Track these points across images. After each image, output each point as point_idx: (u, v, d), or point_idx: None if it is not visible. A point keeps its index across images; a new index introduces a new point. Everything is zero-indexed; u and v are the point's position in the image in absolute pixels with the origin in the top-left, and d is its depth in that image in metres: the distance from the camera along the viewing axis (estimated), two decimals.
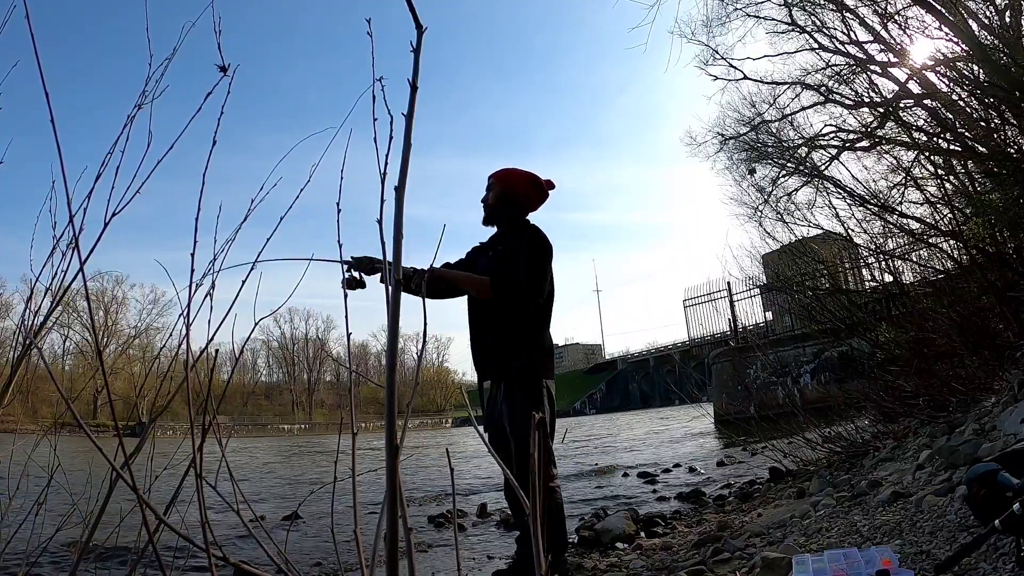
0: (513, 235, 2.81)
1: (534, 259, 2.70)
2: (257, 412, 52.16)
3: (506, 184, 2.85)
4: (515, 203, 2.84)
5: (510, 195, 2.83)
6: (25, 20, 0.96)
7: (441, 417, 58.34)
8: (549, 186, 2.91)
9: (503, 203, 2.84)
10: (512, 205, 2.84)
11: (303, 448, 19.87)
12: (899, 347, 5.95)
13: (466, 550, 3.74)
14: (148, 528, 0.91)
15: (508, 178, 2.86)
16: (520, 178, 2.86)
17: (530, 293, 2.66)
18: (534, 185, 2.87)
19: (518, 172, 2.89)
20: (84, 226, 1.11)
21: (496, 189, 2.86)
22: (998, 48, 5.33)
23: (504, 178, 2.86)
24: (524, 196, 2.85)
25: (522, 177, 2.86)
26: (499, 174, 2.88)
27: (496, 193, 2.85)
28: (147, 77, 1.22)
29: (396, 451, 0.68)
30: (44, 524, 1.56)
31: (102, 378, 1.39)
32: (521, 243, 2.75)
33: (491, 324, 2.73)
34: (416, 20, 0.75)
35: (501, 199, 2.84)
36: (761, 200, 8.49)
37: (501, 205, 2.84)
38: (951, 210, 5.45)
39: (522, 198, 2.85)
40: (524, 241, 2.76)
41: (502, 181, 2.86)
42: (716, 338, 19.40)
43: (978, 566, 1.66)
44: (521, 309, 2.68)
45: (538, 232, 2.80)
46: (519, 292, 2.65)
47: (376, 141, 0.82)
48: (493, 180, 2.88)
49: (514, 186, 2.84)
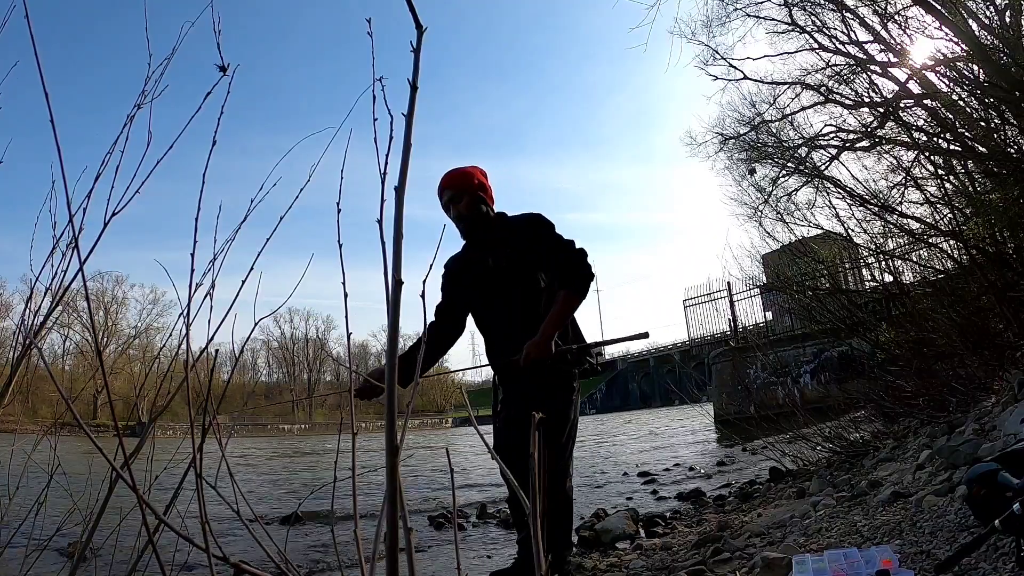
0: (513, 230, 2.67)
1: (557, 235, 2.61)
2: (257, 412, 52.15)
3: (474, 188, 2.67)
4: (487, 200, 2.69)
5: (482, 195, 2.68)
6: (25, 20, 0.96)
7: (441, 417, 58.33)
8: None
9: (478, 204, 2.67)
10: (486, 202, 2.69)
11: (304, 448, 19.88)
12: (899, 347, 5.96)
13: (466, 550, 3.74)
14: (148, 528, 0.91)
15: (470, 182, 2.67)
16: (476, 175, 2.69)
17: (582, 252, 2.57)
18: (485, 175, 2.73)
19: (469, 170, 2.71)
20: (84, 226, 1.11)
21: (465, 197, 2.65)
22: (998, 48, 5.33)
23: (467, 185, 2.66)
24: (489, 188, 2.72)
25: (476, 173, 2.70)
26: (454, 183, 2.67)
27: (468, 200, 2.65)
28: (147, 77, 1.23)
29: (396, 451, 0.68)
30: (44, 524, 1.56)
31: (102, 378, 1.40)
32: (536, 228, 2.63)
33: (524, 319, 2.58)
34: (416, 20, 0.75)
35: (475, 202, 2.66)
36: (761, 200, 8.51)
37: (477, 208, 2.66)
38: (951, 210, 5.46)
39: (489, 191, 2.72)
40: (536, 225, 2.64)
41: (468, 187, 2.66)
42: (716, 338, 19.38)
43: (978, 566, 1.66)
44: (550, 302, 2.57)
45: (532, 213, 2.69)
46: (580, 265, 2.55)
47: (376, 141, 0.82)
48: (451, 191, 2.66)
49: (481, 185, 2.69)
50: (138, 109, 1.22)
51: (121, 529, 1.44)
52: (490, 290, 2.68)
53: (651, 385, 56.58)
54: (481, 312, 2.78)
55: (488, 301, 2.72)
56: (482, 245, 2.72)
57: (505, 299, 2.65)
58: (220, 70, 1.10)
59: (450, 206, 2.68)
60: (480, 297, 2.75)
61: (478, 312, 2.79)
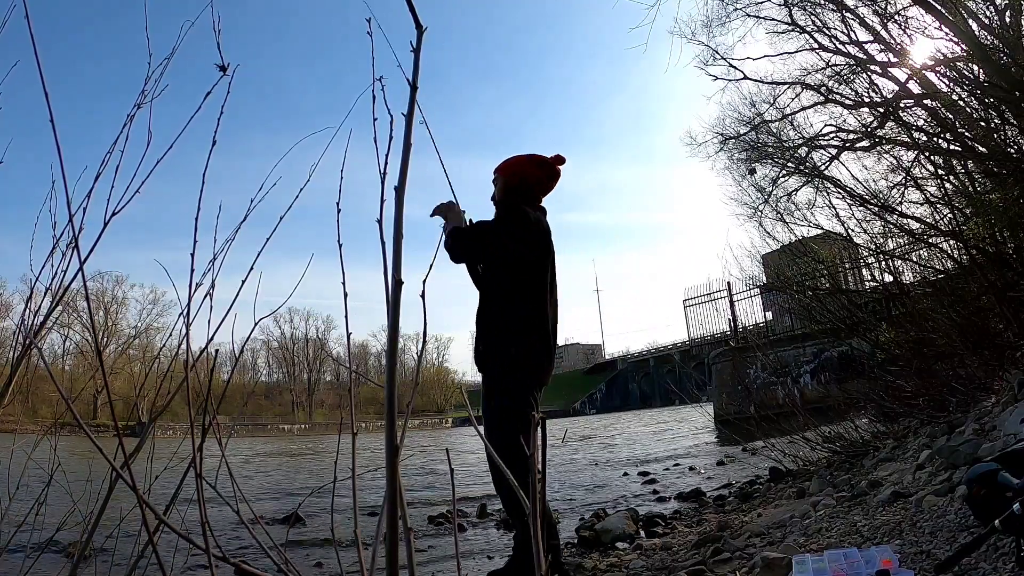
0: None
1: (506, 222, 2.65)
2: (257, 412, 52.16)
3: (507, 173, 2.78)
4: (522, 189, 2.76)
5: (514, 183, 2.77)
6: (25, 20, 0.96)
7: (441, 417, 58.33)
8: (558, 161, 2.81)
9: (510, 193, 2.76)
10: (520, 192, 2.76)
11: (304, 448, 19.87)
12: (899, 347, 5.96)
13: (466, 550, 3.74)
14: (148, 528, 0.91)
15: (509, 167, 2.80)
16: (520, 163, 2.79)
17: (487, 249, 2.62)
18: (537, 165, 2.79)
19: (517, 158, 2.82)
20: (84, 226, 1.11)
21: (500, 182, 2.80)
22: (998, 48, 5.32)
23: (505, 168, 2.80)
24: (531, 177, 2.78)
25: (521, 161, 2.79)
26: (499, 167, 2.83)
27: (501, 186, 2.79)
28: (147, 77, 1.23)
29: (396, 451, 0.68)
30: (44, 524, 1.56)
31: (102, 378, 1.40)
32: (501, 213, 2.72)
33: (486, 319, 2.71)
34: (416, 20, 0.75)
35: (507, 190, 2.77)
36: (761, 200, 8.50)
37: (509, 195, 2.76)
38: (951, 210, 5.45)
39: (530, 180, 2.78)
40: (502, 211, 2.72)
41: (503, 171, 2.80)
42: (716, 338, 19.38)
43: (978, 566, 1.66)
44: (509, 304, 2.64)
45: (519, 208, 2.71)
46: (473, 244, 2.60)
47: (376, 141, 0.82)
48: (496, 174, 2.83)
49: (516, 172, 2.78)
50: (138, 109, 1.22)
51: (121, 529, 1.44)
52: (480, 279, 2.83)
53: (651, 385, 56.58)
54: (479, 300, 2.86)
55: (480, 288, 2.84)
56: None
57: (482, 291, 2.78)
58: (220, 70, 1.10)
59: (494, 190, 2.85)
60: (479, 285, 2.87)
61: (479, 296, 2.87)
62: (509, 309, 2.65)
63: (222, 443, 1.15)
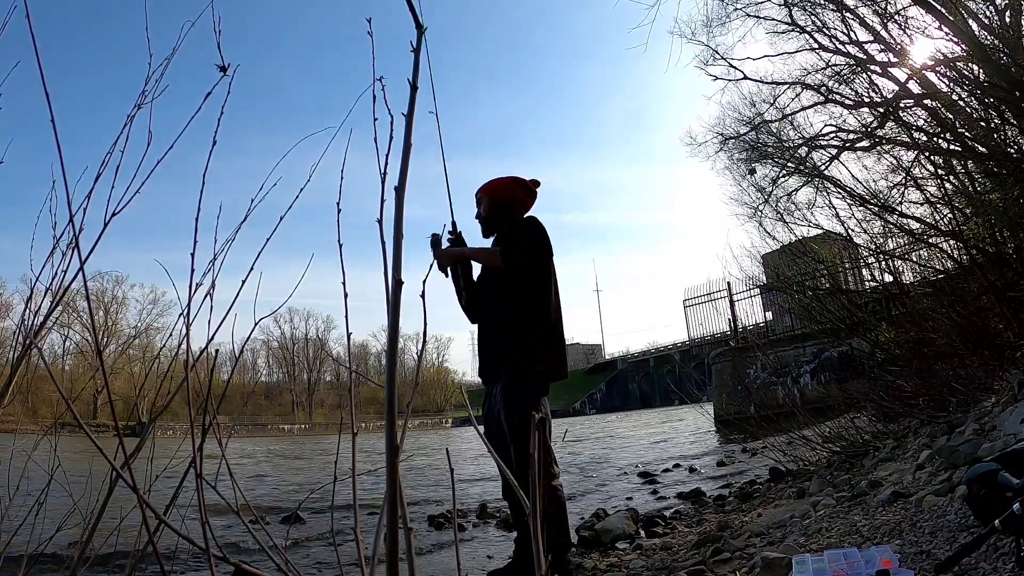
0: (512, 229, 2.96)
1: (535, 235, 2.88)
2: (257, 412, 52.15)
3: (492, 193, 3.03)
4: (507, 206, 3.01)
5: (499, 201, 3.01)
6: (25, 20, 0.96)
7: (441, 417, 58.31)
8: (534, 184, 3.08)
9: (495, 209, 3.01)
10: (504, 209, 3.00)
11: (304, 448, 19.87)
12: (899, 347, 5.95)
13: (466, 550, 3.74)
14: (148, 528, 0.91)
15: (494, 187, 3.04)
16: (506, 183, 3.05)
17: (536, 258, 2.83)
18: (519, 185, 3.05)
19: (500, 179, 3.07)
20: (84, 226, 1.11)
21: (485, 201, 3.03)
22: (998, 48, 5.32)
23: (490, 189, 3.04)
24: (513, 197, 3.03)
25: (505, 182, 3.05)
26: (483, 188, 3.06)
27: (486, 204, 3.03)
28: (147, 77, 1.23)
29: (396, 451, 0.68)
30: (44, 524, 1.56)
31: (102, 378, 1.40)
32: (519, 228, 2.94)
33: (497, 324, 2.87)
34: (416, 20, 0.75)
35: (492, 207, 3.02)
36: (761, 200, 8.49)
37: (494, 212, 3.01)
38: (951, 210, 5.45)
39: (512, 200, 3.03)
40: (522, 226, 2.95)
41: (489, 192, 3.04)
42: (716, 338, 19.38)
43: (978, 566, 1.66)
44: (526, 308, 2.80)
45: (535, 219, 2.96)
46: (526, 255, 2.81)
47: (376, 141, 0.82)
48: (480, 195, 3.06)
49: (500, 192, 3.02)
50: (138, 109, 1.22)
51: (121, 529, 1.44)
52: (481, 291, 3.02)
53: (651, 385, 56.56)
54: (480, 310, 3.04)
55: (481, 302, 3.01)
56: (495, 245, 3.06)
57: (488, 303, 2.96)
58: (220, 70, 1.10)
59: (478, 209, 3.09)
60: (478, 297, 3.04)
61: (478, 309, 3.05)
62: (533, 318, 2.82)
63: (222, 443, 1.15)
